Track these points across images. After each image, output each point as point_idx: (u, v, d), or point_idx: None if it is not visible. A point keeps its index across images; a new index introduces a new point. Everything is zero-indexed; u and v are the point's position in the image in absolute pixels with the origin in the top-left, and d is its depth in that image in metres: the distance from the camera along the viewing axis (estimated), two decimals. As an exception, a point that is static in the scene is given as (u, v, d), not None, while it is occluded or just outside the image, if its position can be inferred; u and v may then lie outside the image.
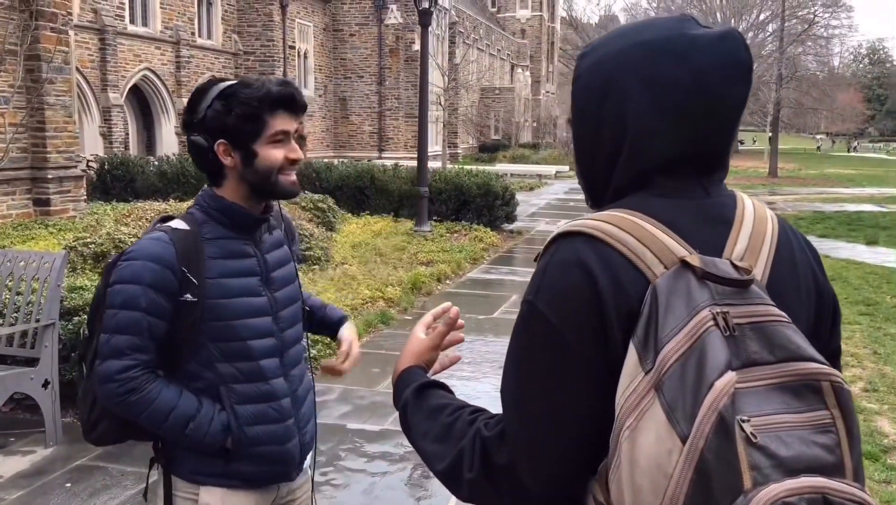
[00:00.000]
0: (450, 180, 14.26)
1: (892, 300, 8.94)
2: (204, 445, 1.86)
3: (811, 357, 0.97)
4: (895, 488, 4.15)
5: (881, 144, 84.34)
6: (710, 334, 0.94)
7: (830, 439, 0.93)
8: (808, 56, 43.99)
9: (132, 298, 1.78)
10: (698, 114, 1.06)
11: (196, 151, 1.87)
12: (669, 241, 1.02)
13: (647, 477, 0.92)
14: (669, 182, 1.09)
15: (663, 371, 0.93)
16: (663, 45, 1.08)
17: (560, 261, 1.05)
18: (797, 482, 0.88)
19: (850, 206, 20.51)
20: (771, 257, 1.08)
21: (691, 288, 0.97)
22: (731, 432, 0.89)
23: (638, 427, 0.93)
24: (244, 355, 1.89)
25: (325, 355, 6.13)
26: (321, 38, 31.75)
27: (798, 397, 0.94)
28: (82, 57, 19.10)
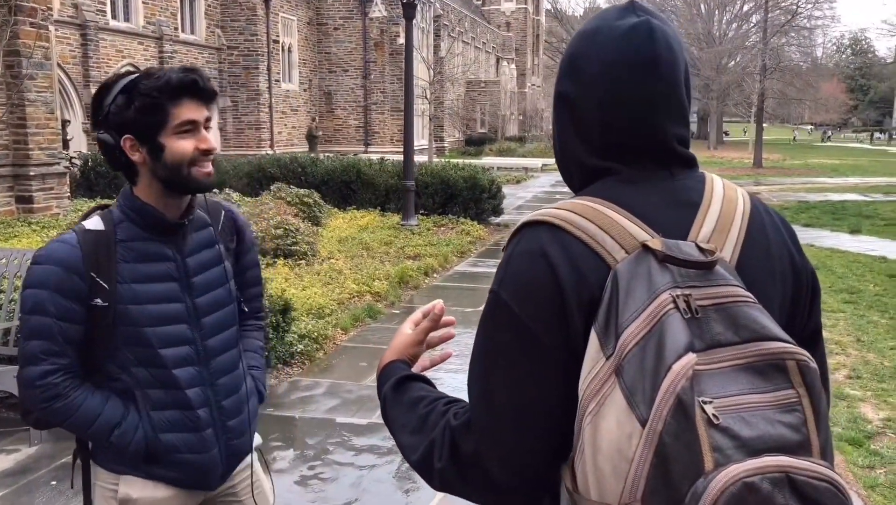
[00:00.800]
0: (436, 174, 14.24)
1: (875, 288, 9.02)
2: (128, 453, 1.83)
3: (777, 336, 0.96)
4: (879, 473, 4.19)
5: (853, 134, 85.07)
6: (670, 317, 0.94)
7: (796, 418, 0.93)
8: (791, 47, 44.19)
9: (40, 303, 1.74)
10: (614, 105, 1.09)
11: (105, 150, 1.79)
12: (631, 227, 1.03)
13: (609, 462, 0.92)
14: (632, 168, 1.11)
15: (623, 356, 0.94)
16: (591, 36, 1.12)
17: (522, 251, 1.06)
18: (759, 462, 0.88)
19: (834, 196, 20.65)
20: (741, 238, 1.08)
21: (652, 272, 0.98)
22: (690, 414, 0.89)
23: (599, 412, 0.94)
24: (155, 362, 1.83)
25: (311, 350, 6.13)
26: (305, 32, 31.59)
27: (763, 377, 0.94)
28: (63, 53, 18.93)
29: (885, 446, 4.54)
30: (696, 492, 0.87)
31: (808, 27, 43.65)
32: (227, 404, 1.94)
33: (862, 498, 3.91)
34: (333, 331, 6.70)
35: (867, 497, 3.92)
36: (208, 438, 1.89)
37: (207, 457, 1.90)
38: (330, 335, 6.58)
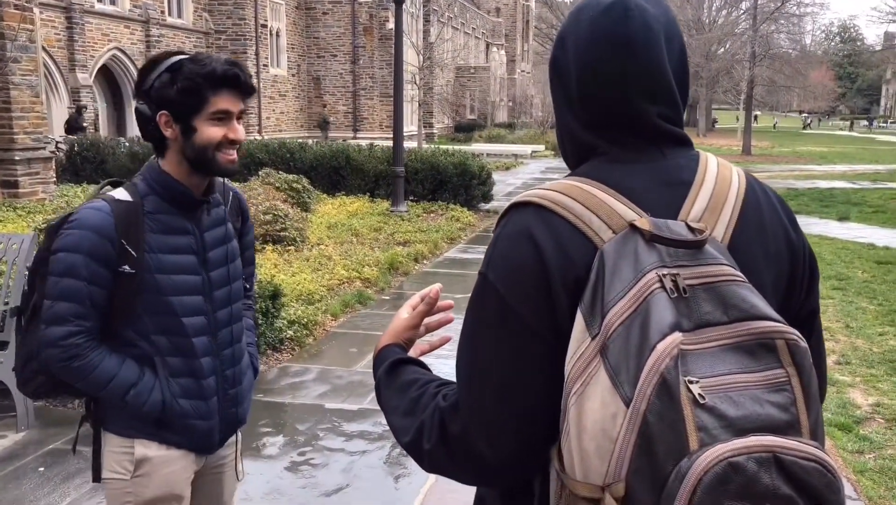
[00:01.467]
0: (426, 160, 14.19)
1: (864, 275, 9.06)
2: (142, 413, 1.93)
3: (766, 315, 0.95)
4: (868, 458, 4.21)
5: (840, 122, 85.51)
6: (656, 296, 0.93)
7: (785, 398, 0.92)
8: (780, 34, 44.17)
9: (73, 266, 1.82)
10: (591, 81, 1.09)
11: (140, 119, 1.90)
12: (619, 206, 1.02)
13: (594, 442, 0.91)
14: (620, 147, 1.10)
15: (608, 335, 0.92)
16: (576, 13, 1.13)
17: (509, 233, 1.06)
18: (745, 441, 0.86)
19: (823, 183, 20.75)
20: (734, 218, 1.07)
21: (639, 251, 0.97)
22: (674, 394, 0.87)
23: (584, 393, 0.93)
24: (177, 331, 1.94)
25: (301, 336, 6.11)
26: (293, 16, 31.34)
27: (752, 357, 0.93)
28: (48, 36, 18.70)
29: (874, 431, 4.56)
30: (680, 471, 0.85)
31: (797, 14, 43.65)
32: (230, 374, 2.07)
33: (851, 483, 3.92)
34: (323, 317, 6.67)
35: (856, 482, 3.94)
36: (212, 405, 2.02)
37: (211, 424, 2.03)
38: (320, 321, 6.55)
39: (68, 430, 4.33)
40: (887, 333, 6.62)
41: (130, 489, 1.98)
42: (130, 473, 1.97)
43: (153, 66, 1.87)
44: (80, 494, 3.70)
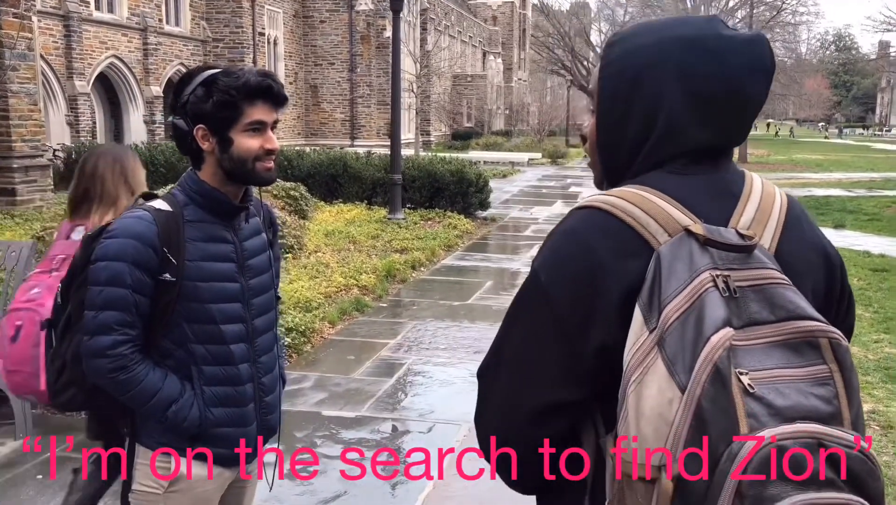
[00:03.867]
0: (423, 168, 14.23)
1: (859, 283, 9.09)
2: (181, 429, 1.92)
3: (810, 316, 1.04)
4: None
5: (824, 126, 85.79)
6: (710, 294, 1.02)
7: (828, 391, 1.00)
8: (776, 42, 44.34)
9: (118, 274, 1.83)
10: (727, 109, 1.16)
11: (177, 134, 1.92)
12: (675, 212, 1.11)
13: (651, 425, 0.99)
14: (674, 163, 1.17)
15: (665, 329, 1.01)
16: (701, 42, 1.15)
17: (565, 230, 1.15)
18: (792, 427, 0.95)
19: (819, 191, 20.81)
20: (779, 228, 1.16)
21: (693, 253, 1.05)
22: (727, 382, 0.96)
23: (643, 381, 1.01)
24: (216, 338, 1.95)
25: (299, 343, 6.12)
26: (291, 24, 31.42)
27: (797, 353, 1.01)
28: (46, 44, 18.72)
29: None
30: (732, 452, 0.94)
31: (792, 23, 43.89)
32: (266, 381, 2.09)
33: (847, 489, 3.94)
34: (321, 324, 6.68)
35: (852, 488, 3.96)
36: (249, 412, 2.04)
37: (248, 431, 2.04)
38: (317, 328, 6.56)
39: (66, 437, 4.33)
40: (882, 341, 6.65)
41: (161, 503, 1.98)
42: (164, 488, 1.97)
43: (188, 81, 1.90)
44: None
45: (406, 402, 5.21)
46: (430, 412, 4.99)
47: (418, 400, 5.24)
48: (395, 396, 5.30)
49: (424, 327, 6.96)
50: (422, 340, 6.60)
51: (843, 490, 0.95)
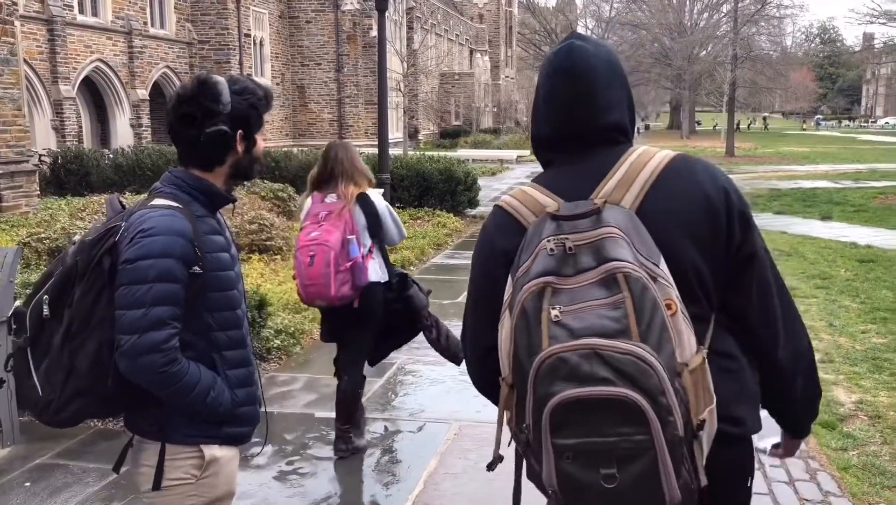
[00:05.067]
0: (412, 167, 14.22)
1: (846, 274, 9.15)
2: (217, 414, 2.02)
3: (616, 258, 1.37)
4: (851, 455, 4.26)
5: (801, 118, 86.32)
6: (540, 255, 1.41)
7: (620, 313, 1.33)
8: (761, 36, 44.57)
9: (168, 270, 1.90)
10: (547, 105, 1.62)
11: (219, 140, 2.02)
12: (543, 199, 1.55)
13: (503, 350, 1.45)
14: (563, 156, 1.62)
15: (514, 284, 1.43)
16: (545, 58, 1.69)
17: (482, 226, 1.70)
18: (573, 342, 1.31)
19: (806, 183, 20.91)
20: (644, 190, 1.50)
21: (544, 227, 1.44)
22: (530, 317, 1.37)
23: (503, 321, 1.46)
24: (234, 324, 2.09)
25: (288, 345, 6.10)
26: (277, 25, 31.31)
27: (606, 287, 1.36)
28: (30, 48, 18.61)
29: (858, 428, 4.61)
30: (532, 363, 1.33)
31: (777, 16, 44.06)
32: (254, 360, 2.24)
33: (836, 480, 3.97)
34: (310, 326, 6.66)
35: (841, 479, 3.98)
36: (258, 390, 2.19)
37: (257, 408, 2.18)
38: (307, 330, 6.54)
39: (54, 444, 4.31)
40: (870, 331, 6.69)
41: (194, 492, 2.05)
42: (196, 477, 2.04)
43: (218, 89, 2.00)
44: (68, 508, 3.68)
45: (396, 401, 5.20)
46: (421, 411, 4.99)
47: (409, 399, 5.24)
48: (386, 396, 5.30)
49: (414, 326, 6.94)
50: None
51: (615, 385, 1.27)
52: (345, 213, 4.00)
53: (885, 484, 3.91)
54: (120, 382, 1.90)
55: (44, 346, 1.92)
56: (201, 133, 2.00)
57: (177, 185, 2.03)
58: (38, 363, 1.93)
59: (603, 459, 1.28)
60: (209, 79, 2.02)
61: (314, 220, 4.05)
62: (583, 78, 1.57)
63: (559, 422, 1.28)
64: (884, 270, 9.32)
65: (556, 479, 1.31)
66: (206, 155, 2.05)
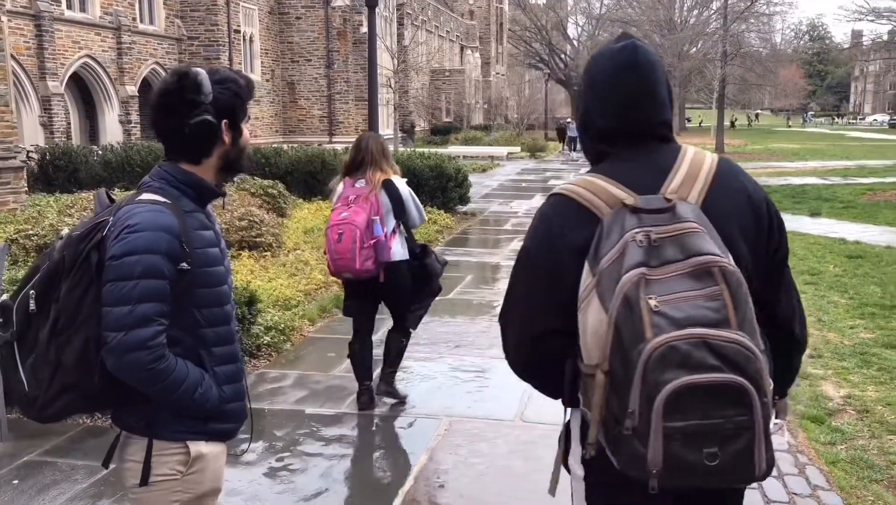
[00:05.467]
0: (402, 163, 14.15)
1: (835, 270, 9.19)
2: (203, 410, 2.02)
3: (707, 252, 1.47)
4: (840, 449, 4.28)
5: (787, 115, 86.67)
6: (629, 247, 1.48)
7: (718, 304, 1.43)
8: (751, 33, 44.65)
9: (154, 266, 1.87)
10: (610, 96, 1.68)
11: (204, 131, 2.00)
12: (615, 191, 1.59)
13: (592, 339, 1.50)
14: (623, 151, 1.68)
15: (601, 273, 1.49)
16: (598, 55, 1.75)
17: (539, 213, 1.72)
18: (682, 332, 1.40)
19: (795, 180, 21.00)
20: (705, 187, 1.62)
21: (625, 220, 1.53)
22: (634, 306, 1.43)
23: (587, 310, 1.51)
24: (222, 320, 2.07)
25: (279, 342, 6.09)
26: (266, 21, 31.20)
27: (698, 280, 1.45)
28: (17, 44, 18.48)
29: (846, 423, 4.63)
30: (639, 351, 1.40)
31: (767, 13, 44.17)
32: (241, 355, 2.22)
33: (824, 474, 3.99)
34: (300, 322, 6.65)
35: (829, 473, 4.00)
36: (244, 385, 2.18)
37: (245, 403, 2.17)
38: (297, 326, 6.53)
39: (42, 441, 4.29)
40: (858, 326, 6.73)
41: (180, 487, 2.04)
42: (182, 473, 2.03)
43: (199, 80, 1.98)
44: (56, 505, 3.66)
45: (387, 397, 5.19)
46: (412, 407, 4.99)
47: (399, 395, 5.23)
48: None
49: (405, 323, 6.94)
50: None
51: (724, 372, 1.38)
52: (371, 197, 4.56)
53: (872, 478, 3.93)
54: (107, 379, 1.89)
55: (30, 341, 1.90)
56: (186, 125, 1.98)
57: (165, 179, 2.01)
58: (25, 358, 1.91)
59: (707, 440, 1.39)
60: (189, 71, 2.01)
61: (344, 203, 4.63)
62: (648, 75, 1.66)
63: (671, 407, 1.37)
64: (872, 266, 9.38)
65: (662, 460, 1.39)
66: (193, 147, 2.02)
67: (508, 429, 4.64)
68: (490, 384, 5.43)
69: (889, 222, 13.16)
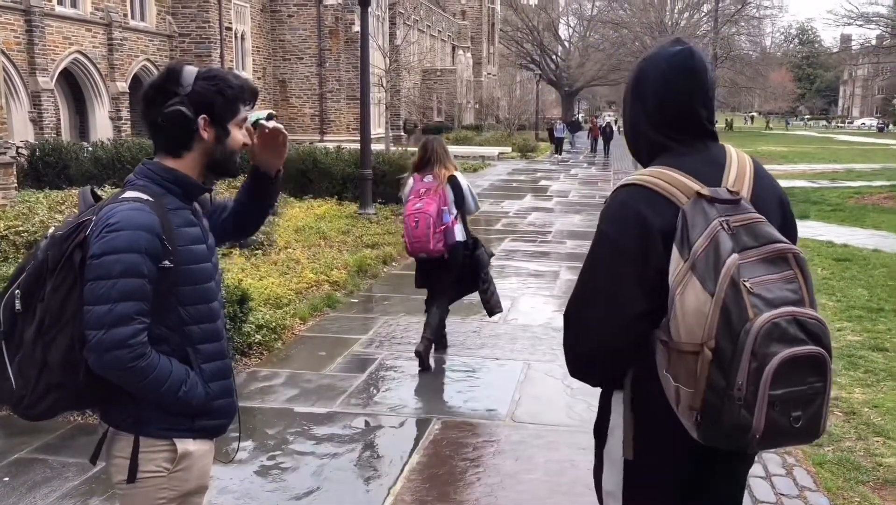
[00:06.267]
0: (394, 162, 14.21)
1: (823, 272, 9.26)
2: (190, 408, 2.01)
3: (779, 240, 1.65)
4: (827, 451, 4.30)
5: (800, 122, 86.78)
6: (720, 234, 1.62)
7: (795, 287, 1.62)
8: (741, 36, 45.00)
9: (133, 265, 1.87)
10: (668, 96, 1.81)
11: (177, 121, 1.99)
12: (688, 182, 1.72)
13: (693, 318, 1.60)
14: (680, 144, 1.81)
15: (695, 258, 1.61)
16: (653, 57, 1.85)
17: (621, 202, 1.77)
18: (780, 310, 1.57)
19: (783, 183, 20.95)
20: (751, 183, 1.79)
21: (706, 209, 1.66)
22: (738, 288, 1.57)
23: (684, 292, 1.61)
24: (208, 317, 2.07)
25: (270, 340, 6.09)
26: (258, 19, 31.14)
27: (774, 265, 1.63)
28: (7, 39, 18.38)
29: (833, 425, 4.67)
30: (747, 329, 1.55)
31: (757, 17, 44.45)
32: (229, 352, 2.24)
33: (811, 475, 4.03)
34: (292, 321, 6.66)
35: (816, 474, 4.04)
36: (231, 381, 2.17)
37: (233, 400, 2.17)
38: (288, 325, 6.54)
39: (33, 439, 4.29)
40: (845, 329, 6.78)
41: (166, 485, 2.04)
42: (168, 470, 2.04)
43: (180, 73, 2.00)
44: (47, 502, 3.66)
45: (378, 397, 5.21)
46: (403, 407, 5.01)
47: (390, 395, 5.25)
48: (367, 391, 5.31)
49: (396, 322, 6.96)
50: (394, 334, 6.61)
51: (810, 344, 1.58)
52: (440, 190, 5.54)
53: (859, 479, 3.98)
54: (92, 377, 1.90)
55: (17, 340, 1.92)
56: (160, 114, 1.99)
57: (149, 176, 2.01)
58: (13, 357, 1.93)
59: (794, 405, 1.57)
60: (177, 65, 2.04)
61: (416, 195, 5.57)
62: (704, 77, 1.80)
63: (776, 377, 1.54)
64: (859, 269, 9.46)
65: (763, 424, 1.55)
66: (168, 138, 2.02)
67: (500, 428, 4.66)
68: (481, 384, 5.46)
69: (876, 226, 13.28)
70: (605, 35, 54.17)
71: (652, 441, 1.78)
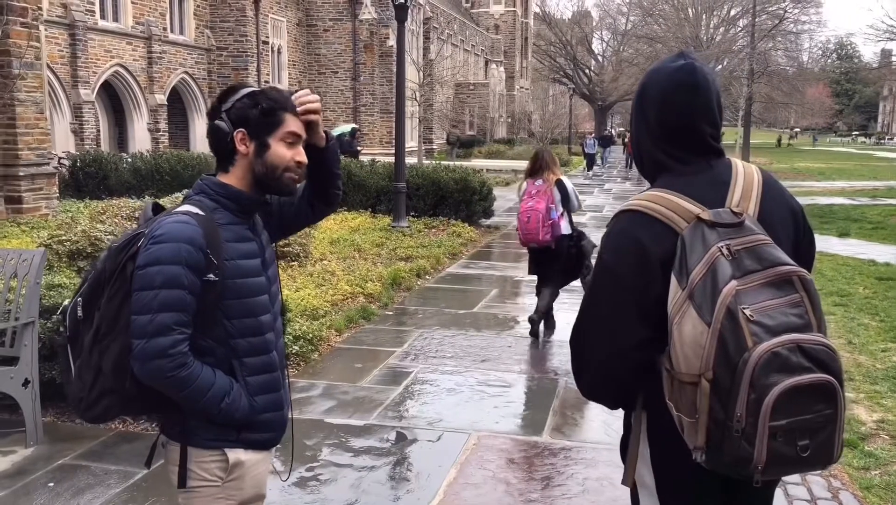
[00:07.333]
0: (427, 176, 14.25)
1: (865, 291, 9.09)
2: (233, 420, 2.04)
3: (784, 262, 1.60)
4: (874, 474, 4.22)
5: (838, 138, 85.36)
6: (719, 260, 1.57)
7: (801, 311, 1.57)
8: (778, 51, 44.48)
9: (174, 277, 1.91)
10: (669, 112, 1.76)
11: (216, 135, 2.06)
12: (688, 205, 1.67)
13: (691, 349, 1.56)
14: (682, 164, 1.76)
15: (693, 286, 1.57)
16: (655, 71, 1.81)
17: (618, 229, 1.75)
18: (780, 339, 1.51)
19: (822, 200, 20.80)
20: (759, 199, 1.74)
21: (705, 234, 1.61)
22: (735, 316, 1.52)
23: (681, 321, 1.57)
24: (256, 330, 2.08)
25: (306, 351, 6.12)
26: (294, 33, 31.53)
27: (779, 288, 1.58)
28: (52, 53, 18.81)
29: (880, 448, 4.57)
30: (745, 359, 1.50)
31: (794, 32, 43.97)
32: (282, 365, 2.23)
33: (858, 499, 3.94)
34: (328, 332, 6.69)
35: (863, 498, 3.95)
36: (284, 395, 2.19)
37: (285, 413, 2.20)
38: (324, 337, 6.56)
39: (76, 445, 4.34)
40: (890, 350, 6.64)
41: (221, 494, 2.08)
42: (223, 480, 2.08)
43: (234, 91, 2.08)
44: (90, 509, 3.70)
45: (414, 410, 5.21)
46: (439, 421, 5.00)
47: (426, 408, 5.24)
48: (403, 404, 5.31)
49: (431, 336, 6.97)
50: (428, 348, 6.61)
51: (815, 371, 1.52)
52: (548, 191, 6.66)
53: (907, 504, 3.88)
54: (139, 384, 1.95)
55: (79, 345, 2.01)
56: (207, 131, 2.11)
57: (204, 191, 2.07)
58: (75, 361, 2.03)
59: (800, 434, 1.53)
60: (232, 86, 2.12)
61: (529, 196, 6.72)
62: (706, 93, 1.75)
63: (776, 408, 1.49)
64: (902, 289, 9.26)
65: (766, 456, 1.51)
66: (215, 153, 2.10)
67: (536, 445, 4.63)
68: (517, 400, 5.43)
69: (919, 245, 12.99)
70: (640, 50, 53.90)
71: (673, 462, 1.75)
